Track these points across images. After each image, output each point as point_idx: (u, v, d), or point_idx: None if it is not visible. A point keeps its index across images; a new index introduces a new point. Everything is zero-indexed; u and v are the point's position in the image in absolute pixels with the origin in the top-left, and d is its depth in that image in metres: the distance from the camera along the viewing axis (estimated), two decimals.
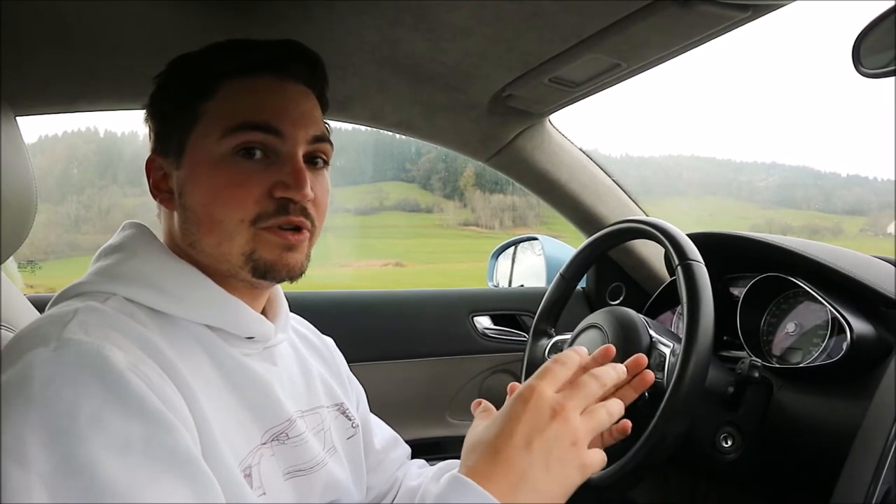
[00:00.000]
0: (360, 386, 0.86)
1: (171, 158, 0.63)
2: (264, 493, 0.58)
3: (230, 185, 0.60)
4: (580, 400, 0.54)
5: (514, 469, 0.50)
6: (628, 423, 0.65)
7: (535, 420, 0.52)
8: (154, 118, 0.66)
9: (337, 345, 0.86)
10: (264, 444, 0.60)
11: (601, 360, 0.65)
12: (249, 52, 0.63)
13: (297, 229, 0.62)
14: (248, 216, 0.60)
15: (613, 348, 0.67)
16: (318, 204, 0.64)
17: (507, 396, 0.67)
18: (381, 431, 0.85)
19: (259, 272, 0.61)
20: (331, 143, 0.66)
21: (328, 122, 0.70)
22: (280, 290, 0.72)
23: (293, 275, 0.63)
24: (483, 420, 0.59)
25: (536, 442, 0.51)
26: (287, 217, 0.61)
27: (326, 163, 0.67)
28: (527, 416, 0.52)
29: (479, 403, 0.65)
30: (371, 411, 0.87)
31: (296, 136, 0.62)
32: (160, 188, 0.65)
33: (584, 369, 0.59)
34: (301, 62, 0.65)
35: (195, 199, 0.61)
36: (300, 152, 0.62)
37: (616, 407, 0.57)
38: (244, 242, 0.60)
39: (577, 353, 0.59)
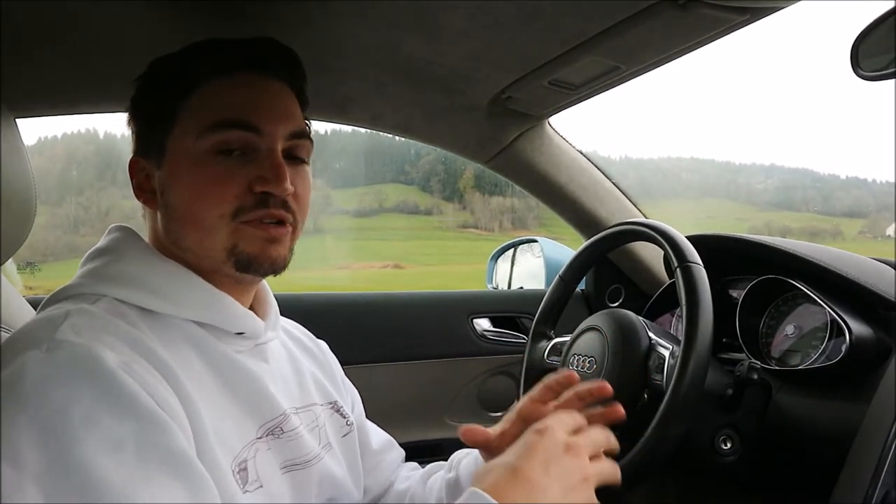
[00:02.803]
0: (355, 389, 0.86)
1: (153, 159, 0.64)
2: (261, 486, 0.58)
3: (210, 182, 0.60)
4: (590, 443, 0.56)
5: (535, 487, 0.50)
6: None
7: (551, 450, 0.53)
8: (136, 120, 0.67)
9: (336, 347, 0.86)
10: (259, 438, 0.60)
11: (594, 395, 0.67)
12: (226, 50, 0.64)
13: (279, 223, 0.62)
14: (228, 210, 0.60)
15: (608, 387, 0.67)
16: (300, 198, 0.64)
17: (514, 425, 0.68)
18: (377, 434, 0.86)
19: (242, 265, 0.62)
20: (311, 140, 0.67)
21: (326, 123, 0.70)
22: (268, 288, 0.73)
23: (276, 267, 0.63)
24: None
25: (553, 468, 0.52)
26: (267, 210, 0.61)
27: (307, 159, 0.67)
28: (543, 445, 0.53)
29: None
30: (370, 413, 0.87)
31: (274, 132, 0.62)
32: (143, 188, 0.65)
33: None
34: (278, 58, 0.66)
35: (176, 197, 0.62)
36: (279, 148, 0.63)
37: (614, 465, 0.59)
38: (225, 237, 0.61)
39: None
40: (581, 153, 1.33)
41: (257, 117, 0.62)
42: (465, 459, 0.78)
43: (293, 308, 0.87)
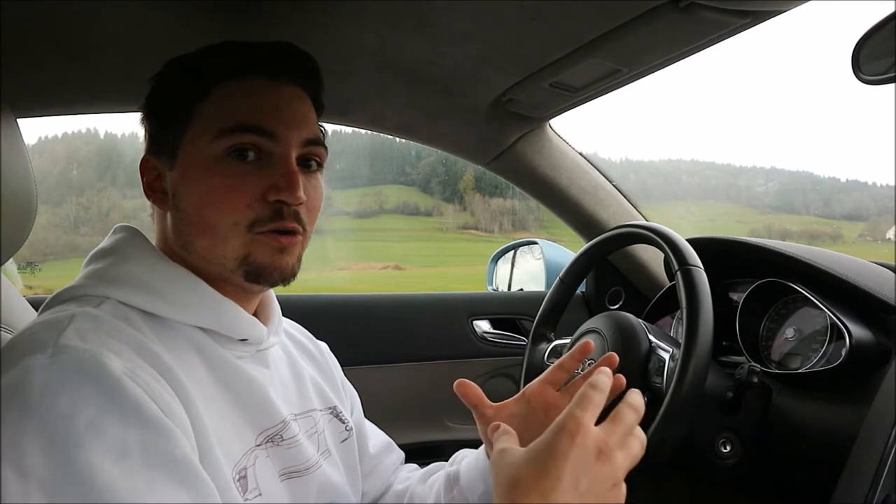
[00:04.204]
0: (355, 391, 0.86)
1: (165, 159, 0.63)
2: (260, 495, 0.58)
3: (223, 188, 0.60)
4: (621, 436, 0.51)
5: None
6: None
7: (582, 460, 0.48)
8: (149, 118, 0.66)
9: (336, 348, 0.86)
10: (259, 445, 0.60)
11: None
12: (244, 53, 0.63)
13: (290, 233, 0.62)
14: (244, 221, 0.60)
15: (616, 357, 0.66)
16: (311, 207, 0.64)
17: (516, 403, 0.67)
18: (376, 437, 0.85)
19: (252, 276, 0.61)
20: (325, 147, 0.66)
21: (327, 124, 0.70)
22: (272, 293, 0.72)
23: (285, 277, 0.63)
24: (507, 443, 0.53)
25: (584, 484, 0.47)
26: (281, 222, 0.60)
27: (320, 165, 0.66)
28: (574, 454, 0.47)
29: (498, 427, 0.57)
30: (370, 415, 0.87)
31: (289, 138, 0.62)
32: (154, 188, 0.65)
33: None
34: (295, 64, 0.65)
35: (188, 200, 0.61)
36: (293, 155, 0.62)
37: (643, 435, 0.54)
38: (238, 246, 0.60)
39: (607, 376, 0.55)
40: (581, 155, 1.33)
41: (273, 122, 0.61)
42: (469, 457, 0.78)
43: (293, 309, 0.87)
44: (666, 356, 0.86)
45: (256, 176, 0.60)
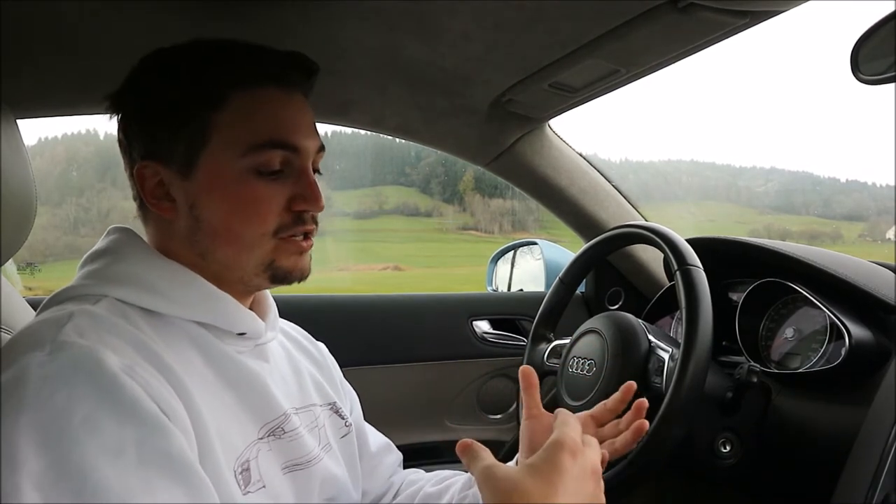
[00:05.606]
0: (354, 393, 0.86)
1: (175, 168, 0.61)
2: (264, 487, 0.58)
3: (252, 201, 0.61)
4: (599, 456, 0.56)
5: None
6: None
7: (581, 477, 0.51)
8: (142, 121, 0.63)
9: (336, 348, 0.86)
10: (261, 438, 0.60)
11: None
12: (256, 62, 0.62)
13: (307, 236, 0.65)
14: (270, 229, 0.62)
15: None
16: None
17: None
18: (375, 437, 0.86)
19: (277, 278, 0.64)
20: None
21: (326, 125, 0.71)
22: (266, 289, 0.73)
23: (304, 277, 0.66)
24: (491, 459, 0.53)
25: (580, 498, 0.50)
26: (304, 227, 0.63)
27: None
28: (575, 471, 0.51)
29: (469, 445, 0.54)
30: (370, 415, 0.87)
31: (308, 149, 0.64)
32: (156, 195, 0.62)
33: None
34: (305, 74, 0.66)
35: (212, 212, 0.61)
36: (310, 165, 0.64)
37: None
38: (265, 253, 0.62)
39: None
40: (581, 156, 1.33)
41: (296, 137, 0.63)
42: None
43: (293, 309, 0.88)
44: (665, 356, 0.86)
45: (281, 187, 0.62)
